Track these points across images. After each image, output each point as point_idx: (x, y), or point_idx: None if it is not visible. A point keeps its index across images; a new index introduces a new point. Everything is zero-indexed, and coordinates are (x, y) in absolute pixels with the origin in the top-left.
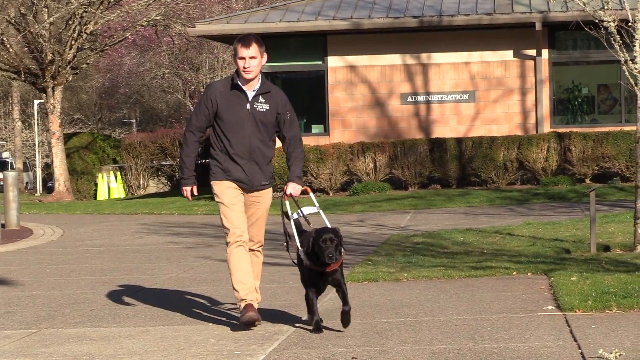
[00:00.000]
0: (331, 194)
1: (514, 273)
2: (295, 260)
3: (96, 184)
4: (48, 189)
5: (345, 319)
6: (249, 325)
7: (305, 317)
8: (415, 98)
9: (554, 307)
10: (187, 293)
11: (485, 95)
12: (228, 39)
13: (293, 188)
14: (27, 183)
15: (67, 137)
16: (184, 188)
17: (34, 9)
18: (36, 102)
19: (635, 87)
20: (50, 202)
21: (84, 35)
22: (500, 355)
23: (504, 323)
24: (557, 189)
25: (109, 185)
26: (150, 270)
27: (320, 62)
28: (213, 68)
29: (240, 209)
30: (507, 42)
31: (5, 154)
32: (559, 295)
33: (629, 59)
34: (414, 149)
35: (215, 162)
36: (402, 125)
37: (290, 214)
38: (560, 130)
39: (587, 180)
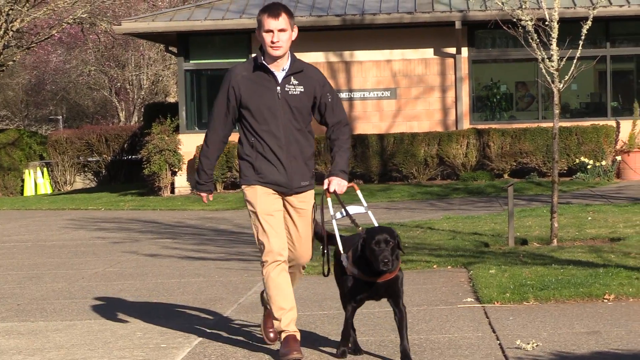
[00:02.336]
0: None
1: (435, 266)
2: (326, 272)
3: (23, 180)
4: None
5: (405, 352)
6: (286, 357)
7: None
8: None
9: (473, 300)
10: (114, 287)
11: (406, 93)
12: (154, 37)
13: (338, 184)
14: None
15: None
16: (199, 193)
17: None
18: None
19: (552, 85)
20: None
21: (10, 33)
22: (421, 347)
23: (425, 315)
24: (477, 184)
25: (36, 181)
26: (77, 265)
27: (244, 60)
28: (139, 65)
29: (278, 221)
30: (428, 40)
31: None
32: (478, 288)
33: (545, 57)
34: None
35: (244, 162)
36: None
37: (332, 213)
38: (480, 126)
39: (506, 176)
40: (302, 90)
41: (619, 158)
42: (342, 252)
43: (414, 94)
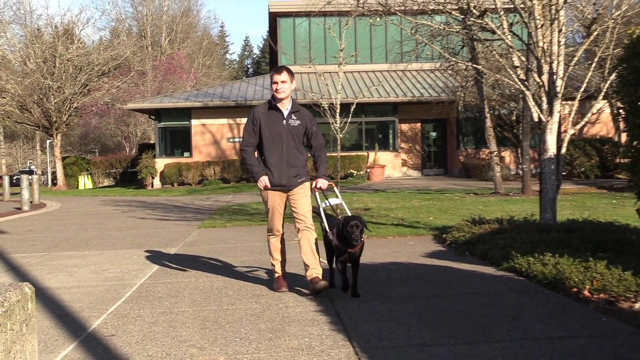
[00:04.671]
0: (193, 186)
1: None
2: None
3: (78, 181)
4: (54, 183)
5: (355, 288)
6: (277, 290)
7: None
8: (233, 139)
9: (296, 240)
10: (123, 234)
11: None
12: (143, 111)
13: (322, 183)
14: (43, 181)
15: (63, 158)
16: (259, 179)
17: (46, 95)
18: (48, 141)
19: (337, 135)
20: (55, 190)
21: (71, 108)
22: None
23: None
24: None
25: (85, 182)
26: (104, 223)
27: (187, 122)
28: (136, 124)
29: (279, 212)
30: None
31: (32, 167)
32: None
33: (334, 122)
34: (233, 164)
35: None
36: (227, 152)
37: (319, 202)
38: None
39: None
40: (299, 123)
41: (368, 170)
42: (328, 229)
43: None
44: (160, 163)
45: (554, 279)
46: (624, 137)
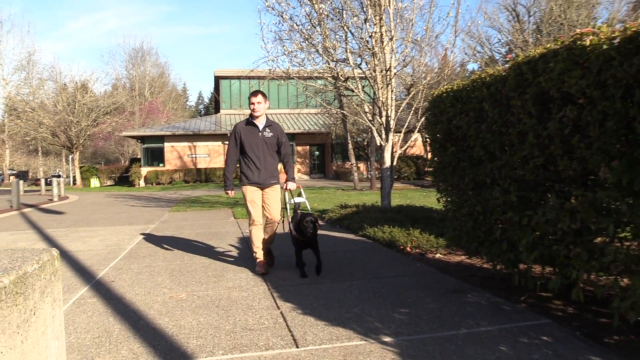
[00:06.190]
0: (165, 185)
1: (222, 207)
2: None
3: (90, 182)
4: (74, 183)
5: (319, 269)
6: (262, 274)
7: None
8: (191, 155)
9: (233, 218)
10: (119, 216)
11: (212, 156)
12: (134, 137)
13: (292, 185)
14: (67, 182)
15: (80, 167)
16: (227, 192)
17: (69, 126)
18: (70, 156)
19: None
20: (74, 188)
21: (86, 135)
22: (218, 233)
23: (220, 222)
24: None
25: (95, 182)
26: (108, 209)
27: (162, 144)
28: (128, 145)
29: (258, 204)
30: (219, 139)
31: (60, 172)
32: (234, 214)
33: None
34: (191, 171)
35: (242, 174)
36: (188, 164)
37: (287, 200)
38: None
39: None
40: (272, 134)
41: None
42: (290, 222)
43: (214, 156)
44: (144, 170)
45: (389, 241)
46: (429, 155)
